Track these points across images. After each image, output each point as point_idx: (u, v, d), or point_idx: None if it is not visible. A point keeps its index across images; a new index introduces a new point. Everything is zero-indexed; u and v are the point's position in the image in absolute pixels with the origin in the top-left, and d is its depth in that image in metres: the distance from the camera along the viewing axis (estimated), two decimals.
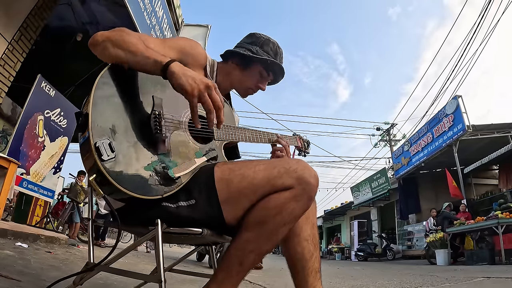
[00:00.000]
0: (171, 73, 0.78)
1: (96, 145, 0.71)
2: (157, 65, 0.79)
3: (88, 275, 0.87)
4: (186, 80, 0.77)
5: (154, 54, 0.81)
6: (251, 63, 1.14)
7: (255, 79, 1.17)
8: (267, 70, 1.16)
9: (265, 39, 1.16)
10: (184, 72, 0.78)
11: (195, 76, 0.78)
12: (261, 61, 1.13)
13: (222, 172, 0.84)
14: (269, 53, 1.15)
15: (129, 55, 0.81)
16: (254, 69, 1.15)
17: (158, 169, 0.81)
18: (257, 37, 1.17)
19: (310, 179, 0.80)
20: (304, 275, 0.93)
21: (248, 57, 1.12)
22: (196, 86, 0.77)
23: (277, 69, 1.17)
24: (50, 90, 4.58)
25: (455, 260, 7.46)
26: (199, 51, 1.06)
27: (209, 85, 0.79)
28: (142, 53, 0.81)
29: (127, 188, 0.74)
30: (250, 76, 1.16)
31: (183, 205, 0.82)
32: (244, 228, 0.80)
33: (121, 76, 0.83)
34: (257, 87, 1.19)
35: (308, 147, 1.41)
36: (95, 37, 0.85)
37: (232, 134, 1.05)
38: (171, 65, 0.79)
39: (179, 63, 0.81)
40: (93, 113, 0.74)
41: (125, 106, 0.82)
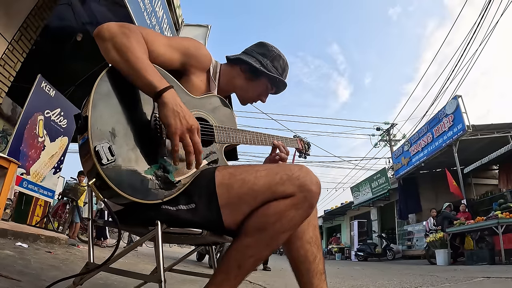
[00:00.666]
0: (163, 103, 0.78)
1: (96, 149, 0.70)
2: (151, 88, 0.78)
3: (88, 275, 0.87)
4: (174, 118, 0.76)
5: (150, 74, 0.79)
6: (259, 76, 1.13)
7: (259, 91, 1.17)
8: (272, 85, 1.17)
9: (276, 54, 1.16)
10: (175, 107, 0.78)
11: (184, 115, 0.78)
12: (269, 77, 1.13)
13: (223, 177, 0.83)
14: (278, 70, 1.15)
15: (126, 66, 0.80)
16: (260, 82, 1.15)
17: (159, 173, 0.80)
18: (269, 50, 1.16)
19: (312, 187, 0.79)
20: (309, 278, 0.93)
21: (259, 70, 1.11)
22: (179, 127, 0.77)
23: (281, 85, 1.19)
24: (50, 90, 4.58)
25: (455, 260, 7.46)
26: (204, 52, 1.05)
27: (192, 128, 0.79)
28: (139, 69, 0.79)
29: (126, 192, 0.73)
30: (255, 87, 1.16)
31: (183, 209, 0.82)
32: (244, 233, 0.80)
33: (121, 78, 0.82)
34: (258, 98, 1.20)
35: (308, 149, 1.41)
36: (102, 31, 0.82)
37: (233, 136, 1.05)
38: (164, 94, 0.78)
39: (174, 92, 0.80)
40: (92, 116, 0.73)
41: (125, 108, 0.80)
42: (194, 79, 1.02)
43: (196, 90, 1.02)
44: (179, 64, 0.99)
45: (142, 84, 0.80)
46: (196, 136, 0.80)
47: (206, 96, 1.03)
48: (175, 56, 0.97)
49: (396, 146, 15.59)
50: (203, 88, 1.05)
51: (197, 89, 1.02)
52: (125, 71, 0.80)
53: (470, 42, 8.78)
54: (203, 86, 1.05)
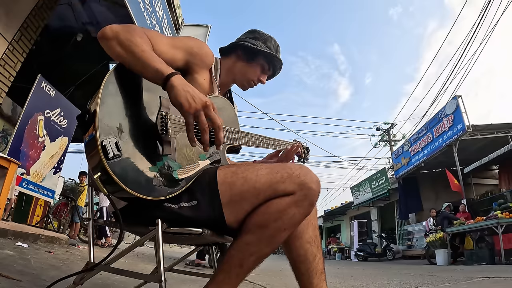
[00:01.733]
0: (171, 86, 0.77)
1: (103, 144, 0.71)
2: (158, 74, 0.79)
3: (88, 275, 0.87)
4: (185, 97, 0.76)
5: (157, 63, 0.80)
6: (255, 56, 1.18)
7: (257, 72, 1.21)
8: (268, 64, 1.21)
9: (267, 36, 1.22)
10: (184, 87, 0.77)
11: (194, 94, 0.77)
12: (265, 54, 1.18)
13: (225, 175, 0.84)
14: (271, 49, 1.20)
15: (132, 59, 0.81)
16: (257, 62, 1.19)
17: (163, 170, 0.81)
18: (260, 33, 1.22)
19: (312, 185, 0.80)
20: (309, 277, 0.93)
21: (255, 50, 1.16)
22: (193, 104, 0.75)
23: (277, 64, 1.23)
24: (50, 90, 4.58)
25: (455, 260, 7.46)
26: (206, 51, 1.06)
27: (207, 104, 0.77)
28: (145, 59, 0.80)
29: (131, 188, 0.74)
30: (254, 68, 1.19)
31: (185, 206, 0.83)
32: (245, 231, 0.80)
33: (129, 75, 0.83)
34: (259, 80, 1.23)
35: (307, 153, 1.44)
36: (105, 32, 0.84)
37: (237, 138, 1.06)
38: (172, 78, 0.78)
39: (181, 76, 0.80)
40: (100, 111, 0.74)
41: (133, 105, 0.82)
42: (197, 78, 1.03)
43: (200, 89, 1.03)
44: (182, 63, 1.00)
45: (150, 73, 0.80)
46: (212, 111, 0.78)
47: (210, 97, 1.04)
48: (178, 55, 0.98)
49: (396, 146, 15.60)
50: (207, 86, 1.07)
51: (201, 88, 1.04)
52: (132, 63, 0.81)
53: (470, 42, 8.79)
54: (206, 85, 1.07)
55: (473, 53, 9.32)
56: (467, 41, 8.86)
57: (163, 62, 0.82)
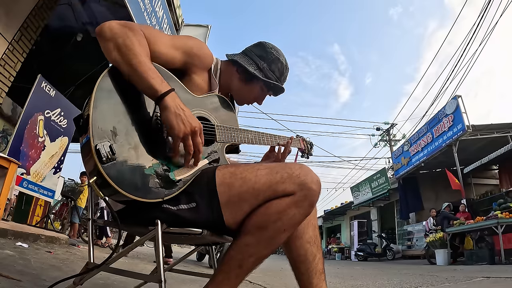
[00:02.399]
0: (164, 107, 0.79)
1: (97, 148, 0.71)
2: (152, 91, 0.80)
3: (88, 275, 0.87)
4: (176, 120, 0.78)
5: (152, 78, 0.79)
6: (253, 80, 1.11)
7: (254, 94, 1.16)
8: (268, 89, 1.15)
9: (274, 57, 1.12)
10: (177, 110, 0.79)
11: (184, 118, 0.79)
12: (264, 82, 1.11)
13: (223, 176, 0.83)
14: (275, 73, 1.12)
15: (128, 68, 0.80)
16: (255, 86, 1.13)
17: (159, 172, 0.80)
18: (267, 51, 1.13)
19: (312, 185, 0.79)
20: (309, 277, 0.93)
21: (253, 75, 1.09)
22: (183, 129, 0.79)
23: (278, 89, 1.17)
24: (50, 90, 4.58)
25: (454, 260, 7.46)
26: (206, 51, 1.05)
27: (195, 130, 0.81)
28: (142, 72, 0.79)
29: (127, 190, 0.73)
30: (250, 90, 1.14)
31: (184, 208, 0.82)
32: (245, 232, 0.80)
33: (122, 77, 0.82)
34: (254, 101, 1.18)
35: (311, 149, 1.40)
36: (103, 29, 0.82)
37: (235, 136, 1.05)
38: (165, 98, 0.79)
39: (175, 95, 0.81)
40: (93, 115, 0.73)
41: (127, 108, 0.81)
42: (196, 78, 1.02)
43: (198, 89, 1.02)
44: (181, 63, 0.99)
45: (144, 87, 0.81)
46: (198, 137, 0.82)
47: (208, 96, 1.03)
48: (178, 55, 0.97)
49: (396, 146, 15.60)
50: (205, 87, 1.05)
51: (199, 88, 1.02)
52: (127, 72, 0.81)
53: (470, 42, 8.80)
54: (205, 85, 1.05)
55: (473, 53, 9.33)
56: (467, 41, 8.87)
57: (158, 76, 0.82)
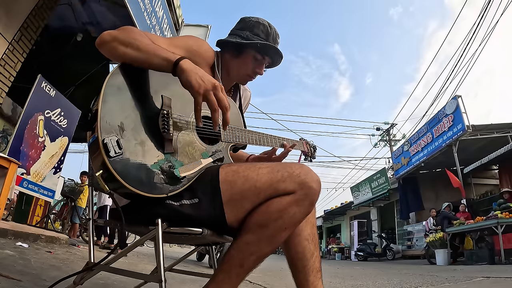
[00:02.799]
0: (181, 70, 0.80)
1: (104, 142, 0.72)
2: (167, 62, 0.82)
3: (88, 274, 0.87)
4: (195, 78, 0.79)
5: (163, 51, 0.83)
6: (243, 50, 1.11)
7: (250, 65, 1.14)
8: (260, 53, 1.13)
9: (254, 22, 1.13)
10: (194, 70, 0.81)
11: (203, 75, 0.81)
12: (251, 45, 1.10)
13: (226, 174, 0.84)
14: (260, 35, 1.12)
15: (139, 53, 0.83)
16: (247, 55, 1.12)
17: (164, 168, 0.81)
18: (247, 21, 1.15)
19: (313, 184, 0.80)
20: (305, 275, 0.94)
21: (238, 44, 1.10)
22: (203, 85, 0.79)
23: (271, 50, 1.13)
24: (50, 90, 4.58)
25: (454, 260, 7.46)
26: (206, 48, 1.06)
27: (216, 85, 0.81)
28: (152, 51, 0.83)
29: (132, 185, 0.74)
30: (245, 62, 1.13)
31: (186, 204, 0.83)
32: (245, 231, 0.80)
33: (131, 75, 0.84)
34: (255, 73, 1.16)
35: (314, 152, 1.40)
36: (103, 37, 0.86)
37: (239, 136, 1.05)
38: (181, 62, 0.81)
39: (189, 60, 0.83)
40: (102, 110, 0.75)
41: (134, 104, 0.83)
42: None
43: None
44: None
45: (158, 62, 0.83)
46: (220, 92, 0.81)
47: None
48: (179, 53, 0.97)
49: (396, 146, 15.61)
50: None
51: None
52: (138, 58, 0.83)
53: (470, 42, 8.80)
54: None
55: (473, 53, 9.34)
56: (467, 41, 8.87)
57: (167, 50, 0.85)
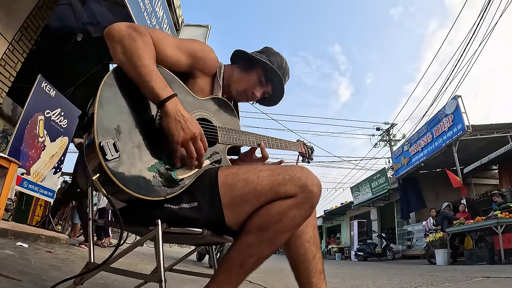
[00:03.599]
0: (165, 112, 0.81)
1: (101, 145, 0.72)
2: (154, 95, 0.81)
3: (88, 275, 0.87)
4: (175, 127, 0.80)
5: (155, 81, 0.81)
6: (252, 66, 1.13)
7: (252, 83, 1.13)
8: (266, 77, 1.14)
9: (274, 51, 1.17)
10: (177, 116, 0.81)
11: (184, 124, 0.81)
12: (262, 64, 1.12)
13: (225, 177, 0.84)
14: (273, 64, 1.13)
15: (133, 71, 0.82)
16: (253, 73, 1.13)
17: (162, 171, 0.81)
18: (268, 48, 1.19)
19: (313, 188, 0.80)
20: (308, 276, 0.94)
21: (251, 58, 1.13)
22: (182, 135, 0.80)
23: (276, 79, 1.14)
24: (50, 90, 4.58)
25: (454, 260, 7.46)
26: (211, 56, 1.06)
27: (195, 136, 0.82)
28: (145, 76, 0.81)
29: (130, 188, 0.74)
30: (248, 78, 1.13)
31: (186, 207, 0.83)
32: (246, 233, 0.81)
33: (127, 77, 0.84)
34: (252, 93, 1.15)
35: (312, 153, 1.41)
36: (112, 31, 0.85)
37: (236, 138, 1.05)
38: (166, 104, 0.81)
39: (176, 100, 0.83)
40: (98, 113, 0.74)
41: (131, 107, 0.82)
42: (199, 82, 1.04)
43: (201, 92, 1.03)
44: (186, 67, 1.00)
45: (146, 91, 0.82)
46: (198, 143, 0.83)
47: (210, 98, 1.04)
48: (183, 58, 0.98)
49: (396, 146, 15.60)
50: (208, 90, 1.07)
51: (202, 91, 1.04)
52: (131, 74, 0.83)
53: (470, 42, 8.80)
54: (208, 89, 1.06)
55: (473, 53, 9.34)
56: (467, 41, 8.87)
57: (162, 80, 0.83)
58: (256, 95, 1.16)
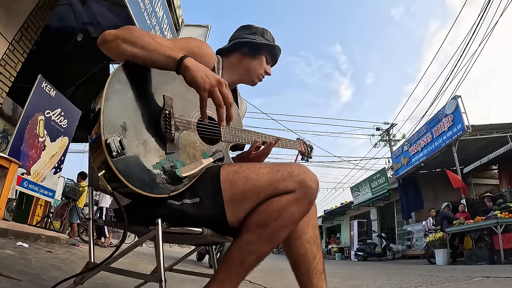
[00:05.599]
0: (185, 67, 0.81)
1: (107, 142, 0.72)
2: (170, 60, 0.82)
3: (88, 274, 0.88)
4: (200, 75, 0.80)
5: (166, 50, 0.84)
6: (259, 51, 1.20)
7: (263, 65, 1.23)
8: (270, 55, 1.24)
9: (262, 29, 1.25)
10: (198, 67, 0.82)
11: (207, 72, 0.82)
12: (268, 47, 1.21)
13: (227, 174, 0.85)
14: (269, 41, 1.23)
15: (142, 51, 0.83)
16: (262, 56, 1.22)
17: (166, 168, 0.82)
18: (255, 28, 1.24)
19: (311, 184, 0.82)
20: (309, 277, 0.94)
21: (259, 44, 1.19)
22: (208, 81, 0.80)
23: (277, 53, 1.26)
24: (50, 90, 4.59)
25: (454, 260, 7.47)
26: (208, 51, 1.07)
27: (220, 81, 0.82)
28: (155, 49, 0.83)
29: (135, 185, 0.74)
30: (260, 62, 1.22)
31: (188, 203, 0.83)
32: (246, 230, 0.81)
33: (133, 74, 0.84)
34: (266, 73, 1.25)
35: (311, 152, 1.42)
36: (105, 36, 0.86)
37: (239, 136, 1.06)
38: (185, 60, 0.82)
39: (192, 59, 0.84)
40: (105, 110, 0.74)
41: (137, 104, 0.83)
42: None
43: None
44: None
45: (161, 60, 0.83)
46: (225, 88, 0.83)
47: None
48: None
49: (396, 146, 15.61)
50: None
51: None
52: (141, 56, 0.83)
53: (470, 42, 8.80)
54: None
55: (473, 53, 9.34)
56: (467, 41, 8.87)
57: (172, 48, 0.85)
58: (269, 73, 1.27)
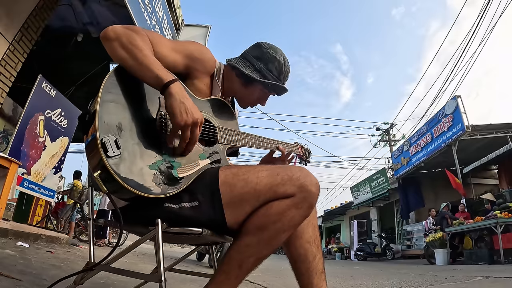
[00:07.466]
0: (169, 93, 0.80)
1: (103, 141, 0.72)
2: (158, 80, 0.81)
3: (88, 274, 0.88)
4: (179, 110, 0.79)
5: (157, 68, 0.82)
6: (252, 82, 1.11)
7: (255, 96, 1.16)
8: (268, 90, 1.15)
9: (271, 56, 1.11)
10: (182, 98, 0.80)
11: (188, 106, 0.80)
12: (262, 83, 1.11)
13: (226, 176, 0.85)
14: (273, 72, 1.11)
15: (134, 62, 0.82)
16: (255, 88, 1.13)
17: (163, 169, 0.81)
18: (263, 52, 1.12)
19: (312, 188, 0.81)
20: (309, 277, 0.94)
21: (250, 77, 1.09)
22: (184, 119, 0.79)
23: (278, 89, 1.15)
24: (50, 90, 4.59)
25: (454, 260, 7.47)
26: (208, 56, 1.06)
27: (197, 121, 0.81)
28: (147, 64, 0.82)
29: (130, 185, 0.74)
30: (251, 93, 1.14)
31: (186, 207, 0.83)
32: (245, 233, 0.81)
33: (129, 76, 0.84)
34: (257, 102, 1.18)
35: (309, 156, 1.41)
36: (107, 32, 0.85)
37: (236, 139, 1.06)
38: (171, 86, 0.80)
39: (180, 84, 0.83)
40: (100, 110, 0.75)
41: (132, 105, 0.83)
42: (197, 83, 1.03)
43: (200, 93, 1.03)
44: (183, 67, 1.00)
45: (150, 78, 0.82)
46: (197, 129, 0.82)
47: (210, 98, 1.05)
48: (179, 59, 0.98)
49: (395, 146, 15.61)
50: (207, 91, 1.06)
51: (201, 92, 1.03)
52: (133, 67, 0.83)
53: (470, 42, 8.80)
54: (206, 90, 1.06)
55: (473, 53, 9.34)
56: (467, 41, 8.88)
57: (163, 67, 0.84)
58: (262, 104, 1.19)
